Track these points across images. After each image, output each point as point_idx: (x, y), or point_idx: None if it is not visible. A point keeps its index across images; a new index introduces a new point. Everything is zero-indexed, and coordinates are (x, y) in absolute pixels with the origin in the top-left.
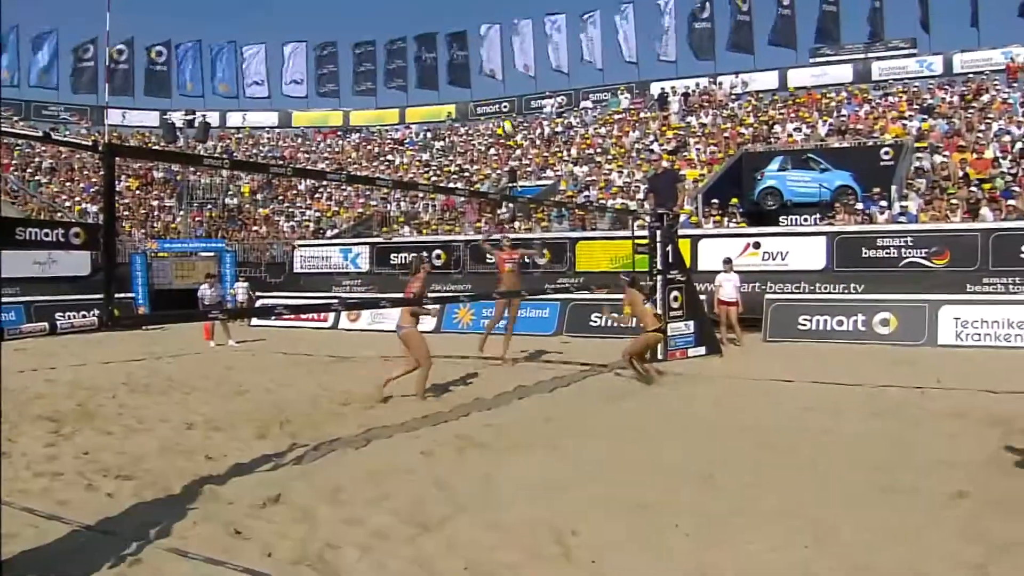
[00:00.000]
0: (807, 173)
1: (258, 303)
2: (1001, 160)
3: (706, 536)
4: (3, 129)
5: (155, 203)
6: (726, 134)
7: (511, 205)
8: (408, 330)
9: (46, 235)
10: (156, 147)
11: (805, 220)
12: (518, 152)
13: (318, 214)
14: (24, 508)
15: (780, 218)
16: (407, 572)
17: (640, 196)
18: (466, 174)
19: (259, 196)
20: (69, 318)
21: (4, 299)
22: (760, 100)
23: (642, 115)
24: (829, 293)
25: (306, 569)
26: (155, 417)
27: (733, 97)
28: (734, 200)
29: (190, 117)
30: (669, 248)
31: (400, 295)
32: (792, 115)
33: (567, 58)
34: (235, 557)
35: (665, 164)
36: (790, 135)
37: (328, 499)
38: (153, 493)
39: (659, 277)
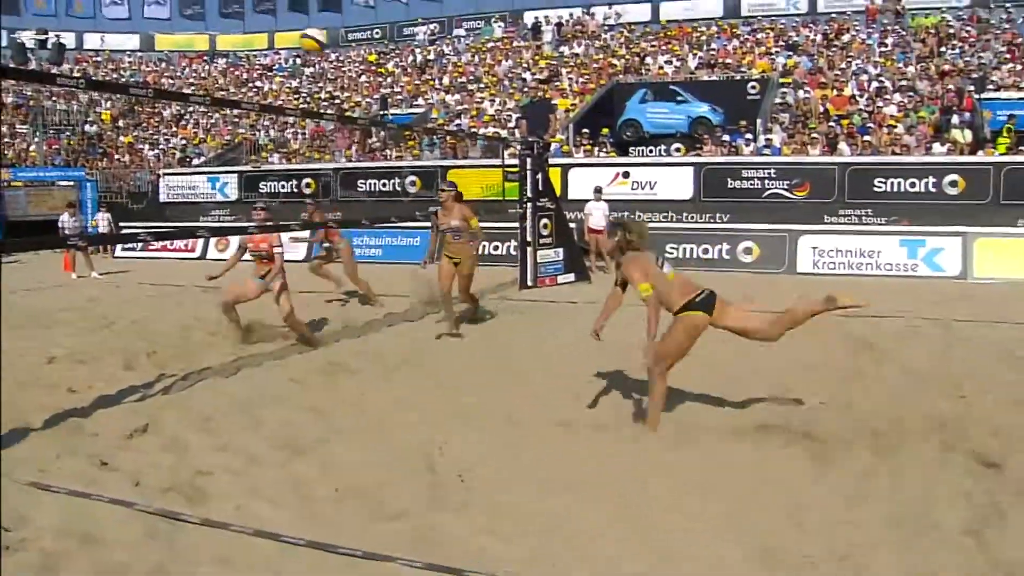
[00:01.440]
0: (666, 105)
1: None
2: (858, 97)
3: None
4: None
5: (6, 129)
6: (598, 65)
7: (382, 133)
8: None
9: None
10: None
11: (677, 151)
12: (389, 80)
13: (184, 142)
14: None
15: (649, 149)
16: (279, 494)
17: (512, 125)
18: (336, 101)
19: (121, 123)
20: None
21: None
22: (632, 32)
23: (515, 44)
24: (696, 223)
25: (176, 496)
26: (13, 351)
27: (606, 28)
28: (605, 130)
29: (42, 37)
30: (539, 176)
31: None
32: (663, 48)
33: None
34: (102, 489)
35: (539, 93)
36: (660, 67)
37: (198, 428)
38: (13, 426)
39: (529, 205)
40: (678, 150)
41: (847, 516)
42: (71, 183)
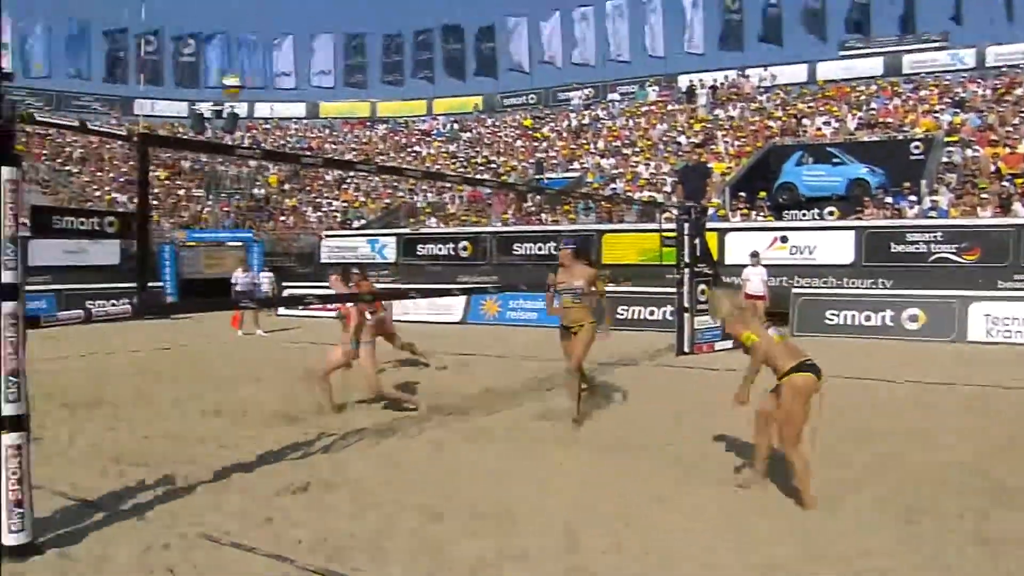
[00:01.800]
0: (822, 167)
1: (285, 293)
2: None
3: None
4: (39, 118)
5: (183, 193)
6: (754, 127)
7: (538, 197)
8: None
9: (82, 224)
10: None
11: (831, 215)
12: (545, 144)
13: (345, 205)
14: (54, 492)
15: (803, 212)
16: (411, 557)
17: (667, 189)
18: (493, 165)
19: (286, 186)
20: (101, 306)
21: (37, 288)
22: (788, 93)
23: (669, 107)
24: (857, 288)
25: (332, 555)
26: (179, 406)
27: (761, 90)
28: (762, 194)
29: (218, 108)
30: (697, 241)
31: (429, 285)
32: (821, 108)
33: (594, 51)
34: (261, 543)
35: (695, 157)
36: (819, 129)
37: (352, 487)
38: (181, 480)
39: (686, 270)
40: (831, 213)
41: None
42: (240, 243)
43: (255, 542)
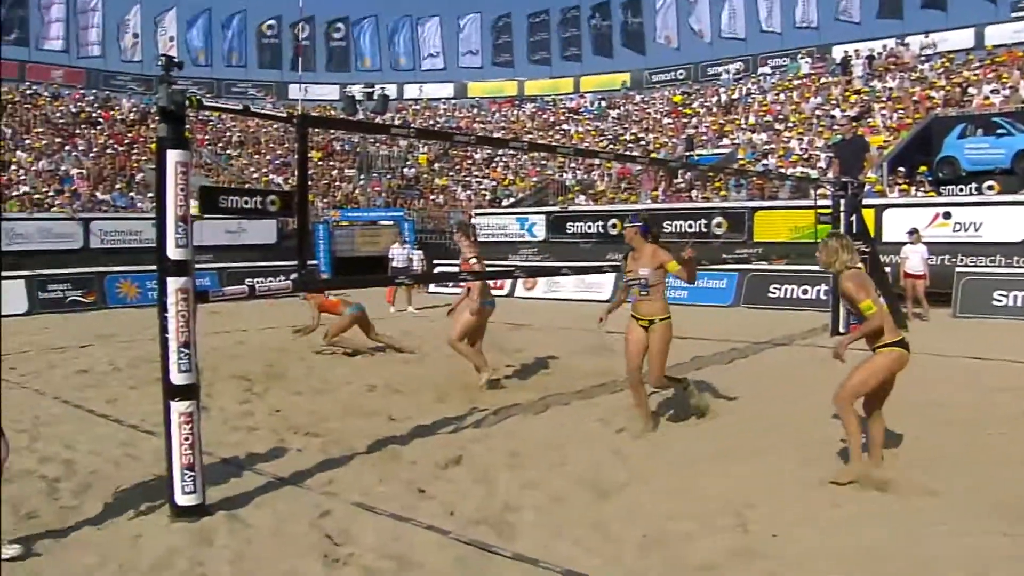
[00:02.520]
0: (986, 139)
1: (436, 270)
2: None
3: (884, 517)
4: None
5: (336, 174)
6: (915, 98)
7: (688, 174)
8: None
9: (245, 203)
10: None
11: (990, 189)
12: (694, 120)
13: (494, 183)
14: (223, 459)
15: (959, 188)
16: (584, 535)
17: (822, 164)
18: (642, 143)
19: (436, 166)
20: (261, 283)
21: (201, 266)
22: (952, 61)
23: (823, 80)
24: None
25: (486, 528)
26: (339, 379)
27: (923, 59)
28: (922, 168)
29: (369, 90)
30: (853, 218)
31: (578, 263)
32: (988, 76)
33: (744, 23)
34: (418, 514)
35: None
36: (986, 98)
37: (507, 463)
38: (339, 451)
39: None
40: (991, 188)
41: None
42: (391, 222)
43: (411, 513)
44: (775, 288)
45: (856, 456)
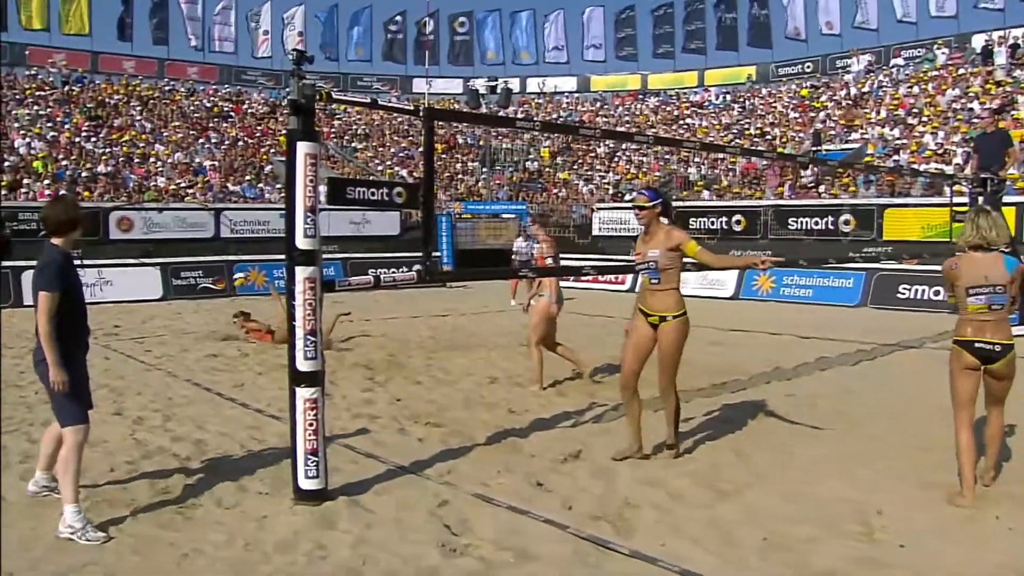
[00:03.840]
0: None
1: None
2: None
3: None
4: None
5: (459, 167)
6: None
7: (816, 169)
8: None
9: (372, 194)
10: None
11: None
12: (822, 114)
13: (617, 178)
14: (345, 445)
15: None
16: (703, 535)
17: (958, 160)
18: (768, 137)
19: (559, 160)
20: (386, 273)
21: (327, 256)
22: None
23: (961, 71)
24: None
25: (605, 524)
26: (460, 370)
27: None
28: None
29: (493, 84)
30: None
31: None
32: None
33: (876, 14)
34: (536, 507)
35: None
36: None
37: (627, 459)
38: (459, 441)
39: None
40: None
41: None
42: (513, 216)
43: (529, 505)
44: (904, 288)
45: (963, 478)
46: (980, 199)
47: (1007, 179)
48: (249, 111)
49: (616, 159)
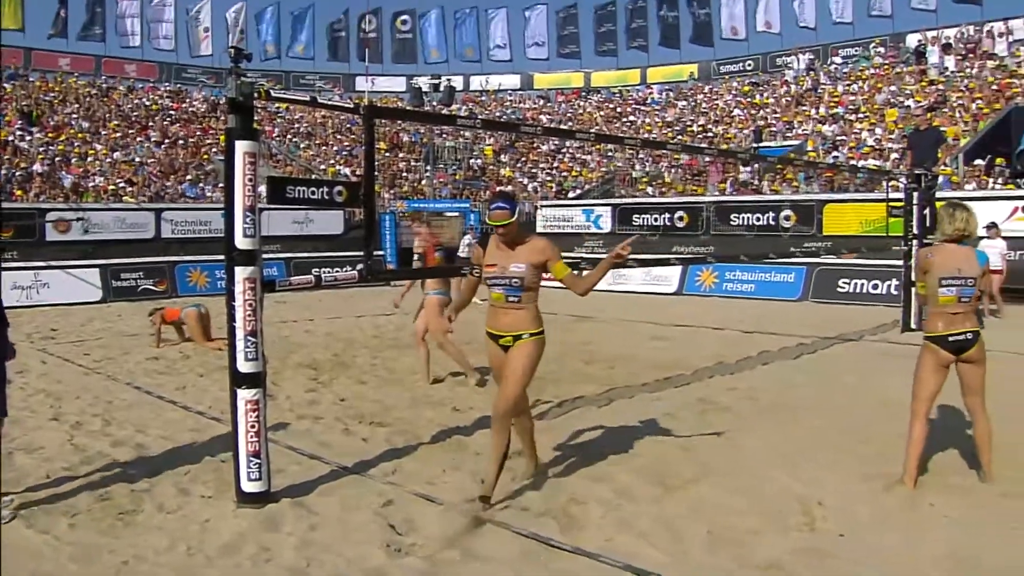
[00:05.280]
0: None
1: None
2: None
3: (960, 521)
4: (273, 93)
5: (402, 165)
6: (994, 87)
7: (756, 165)
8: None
9: (312, 193)
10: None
11: None
12: (763, 112)
13: (564, 175)
14: (289, 447)
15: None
16: (650, 531)
17: (895, 156)
18: (710, 134)
19: (502, 157)
20: (328, 273)
21: (269, 256)
22: None
23: (896, 70)
24: None
25: (551, 521)
26: (405, 369)
27: (1003, 46)
28: (999, 161)
29: (435, 81)
30: (926, 211)
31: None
32: None
33: (815, 13)
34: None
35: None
36: None
37: (572, 455)
38: (404, 440)
39: (914, 242)
40: None
41: None
42: (456, 214)
43: (474, 503)
44: (844, 282)
45: (907, 467)
46: (915, 195)
47: (940, 174)
48: (190, 110)
49: (560, 156)
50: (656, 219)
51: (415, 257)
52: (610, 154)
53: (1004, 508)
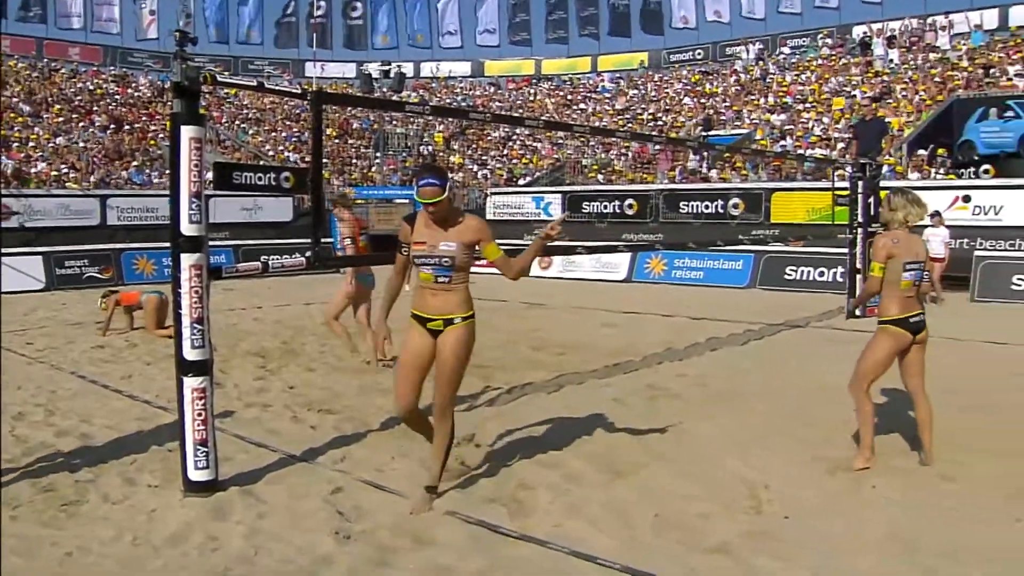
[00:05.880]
0: (997, 123)
1: None
2: None
3: (901, 503)
4: (219, 78)
5: (352, 152)
6: (937, 79)
7: (705, 154)
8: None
9: (259, 179)
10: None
11: (986, 173)
12: (712, 101)
13: (514, 162)
14: (236, 435)
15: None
16: (598, 516)
17: (842, 145)
18: (659, 123)
19: (453, 144)
20: (276, 260)
21: (217, 243)
22: (977, 41)
23: (843, 61)
24: None
25: (500, 508)
26: (348, 357)
27: (946, 39)
28: (940, 151)
29: (386, 68)
30: (871, 200)
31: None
32: (1013, 57)
33: (764, 4)
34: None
35: (871, 111)
36: (1010, 79)
37: (521, 442)
38: (353, 427)
39: (860, 230)
40: (987, 172)
41: None
42: (406, 201)
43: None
44: (791, 270)
45: (865, 444)
46: (860, 183)
47: (884, 164)
48: (136, 94)
49: (511, 144)
50: (606, 207)
51: (347, 241)
52: (560, 142)
53: (943, 490)
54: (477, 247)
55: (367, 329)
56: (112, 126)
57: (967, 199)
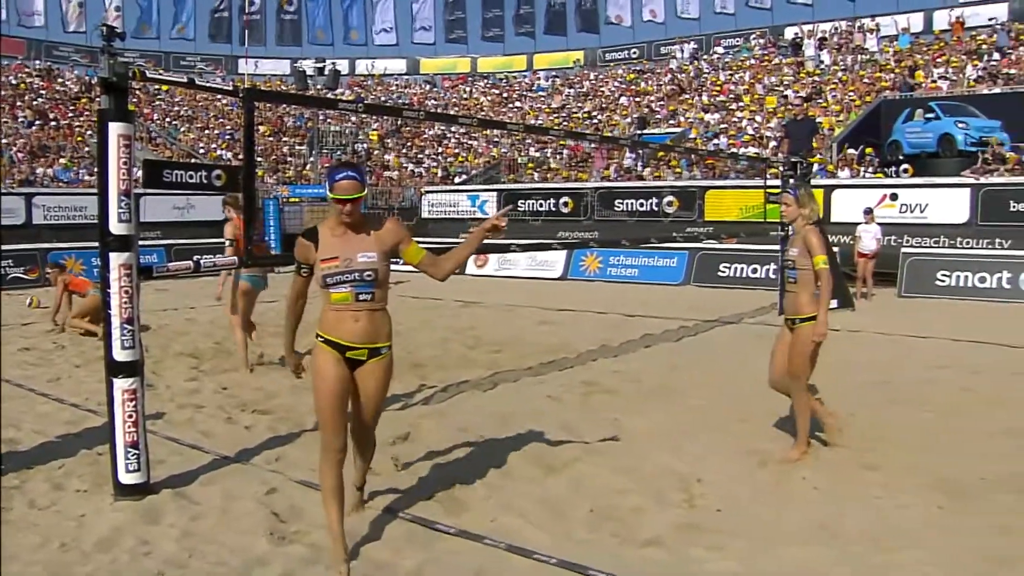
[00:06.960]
0: (919, 124)
1: None
2: None
3: (829, 492)
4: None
5: (286, 150)
6: (865, 80)
7: (640, 152)
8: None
9: (190, 177)
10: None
11: (905, 172)
12: (647, 99)
13: (449, 160)
14: (169, 437)
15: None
16: (533, 510)
17: (773, 144)
18: (595, 121)
19: (388, 142)
20: (209, 259)
21: (148, 242)
22: (902, 43)
23: (775, 61)
24: (971, 248)
25: (435, 505)
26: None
27: (873, 41)
28: (868, 150)
29: (320, 65)
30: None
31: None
32: (937, 60)
33: (698, 4)
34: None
35: (801, 111)
36: (934, 82)
37: (456, 439)
38: (288, 428)
39: (791, 227)
40: (906, 171)
41: None
42: None
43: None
44: (725, 267)
45: (802, 437)
46: (791, 181)
47: (815, 162)
48: (62, 89)
49: (446, 141)
50: (541, 204)
51: (227, 243)
52: (496, 140)
53: (866, 479)
54: (396, 251)
55: (239, 329)
56: (38, 121)
57: (895, 197)
